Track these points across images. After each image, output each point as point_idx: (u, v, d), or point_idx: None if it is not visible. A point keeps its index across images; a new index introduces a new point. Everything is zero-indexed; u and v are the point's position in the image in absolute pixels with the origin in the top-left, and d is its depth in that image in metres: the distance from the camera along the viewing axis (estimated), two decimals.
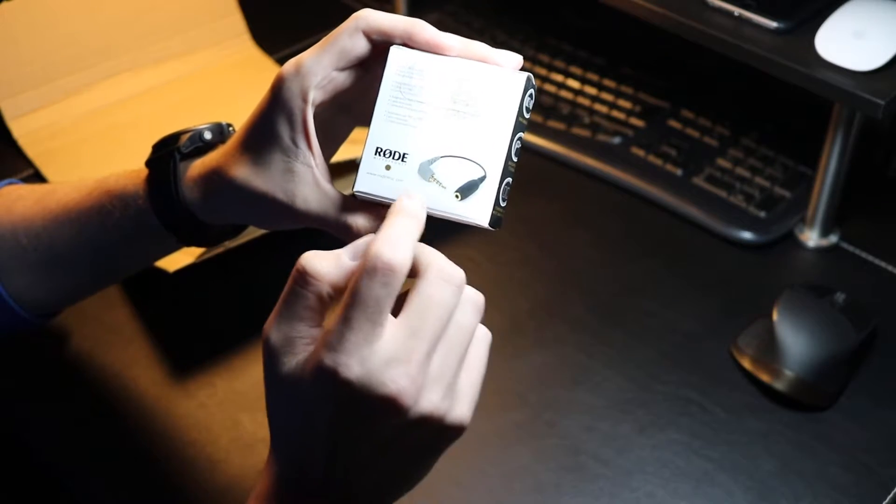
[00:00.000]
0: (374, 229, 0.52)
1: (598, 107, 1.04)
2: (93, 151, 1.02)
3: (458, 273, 0.48)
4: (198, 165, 0.61)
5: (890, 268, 0.90)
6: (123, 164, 1.00)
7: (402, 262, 0.46)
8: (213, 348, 0.83)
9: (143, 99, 1.08)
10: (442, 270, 0.47)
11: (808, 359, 0.78)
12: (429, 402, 0.47)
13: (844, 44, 0.82)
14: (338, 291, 0.48)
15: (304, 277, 0.47)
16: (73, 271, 0.71)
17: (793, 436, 0.76)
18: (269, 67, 1.12)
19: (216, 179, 0.59)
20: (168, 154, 0.62)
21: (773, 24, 0.85)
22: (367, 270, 0.46)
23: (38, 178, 0.99)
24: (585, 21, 1.15)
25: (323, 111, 0.56)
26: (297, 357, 0.48)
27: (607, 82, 1.07)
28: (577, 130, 1.02)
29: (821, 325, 0.79)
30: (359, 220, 0.54)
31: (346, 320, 0.46)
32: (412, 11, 1.19)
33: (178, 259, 0.79)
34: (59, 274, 0.71)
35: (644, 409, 0.78)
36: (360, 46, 0.53)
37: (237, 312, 0.87)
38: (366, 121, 0.55)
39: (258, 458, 0.75)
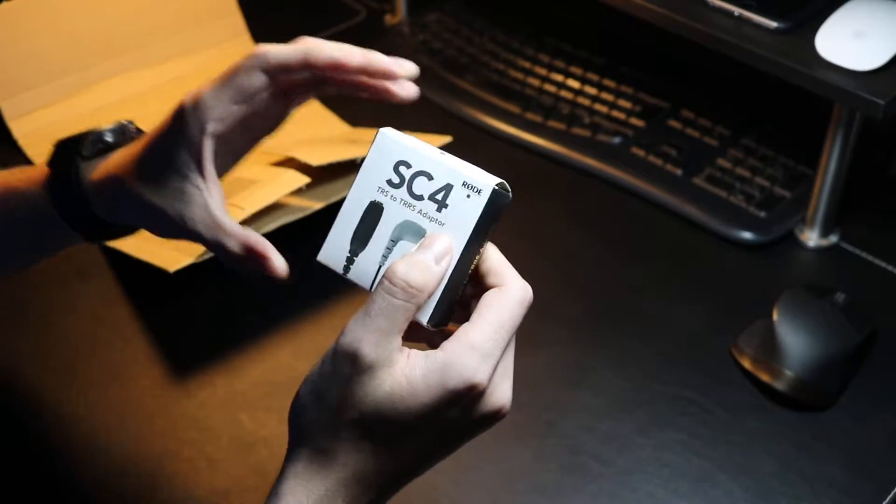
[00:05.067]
0: (244, 257, 0.56)
1: (598, 107, 1.04)
2: None
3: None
4: (100, 169, 0.62)
5: (890, 268, 0.90)
6: None
7: None
8: (213, 348, 0.83)
9: (144, 99, 1.08)
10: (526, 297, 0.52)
11: (808, 359, 0.78)
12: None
13: (844, 44, 0.82)
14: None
15: (408, 290, 0.49)
16: None
17: (793, 436, 0.76)
18: None
19: (114, 186, 0.60)
20: (69, 157, 0.63)
21: (773, 24, 0.85)
22: (521, 301, 0.51)
23: None
24: (585, 21, 1.15)
25: (223, 130, 0.57)
26: (394, 368, 0.49)
27: (607, 82, 1.07)
28: (577, 130, 1.02)
29: (821, 325, 0.79)
30: (236, 249, 0.56)
31: (501, 340, 0.50)
32: (412, 11, 1.19)
33: (178, 259, 0.79)
34: None
35: (644, 409, 0.78)
36: (258, 83, 0.55)
37: (237, 312, 0.87)
38: (264, 134, 0.59)
39: (258, 457, 0.75)
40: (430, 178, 0.51)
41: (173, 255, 0.80)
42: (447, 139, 0.94)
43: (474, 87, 1.08)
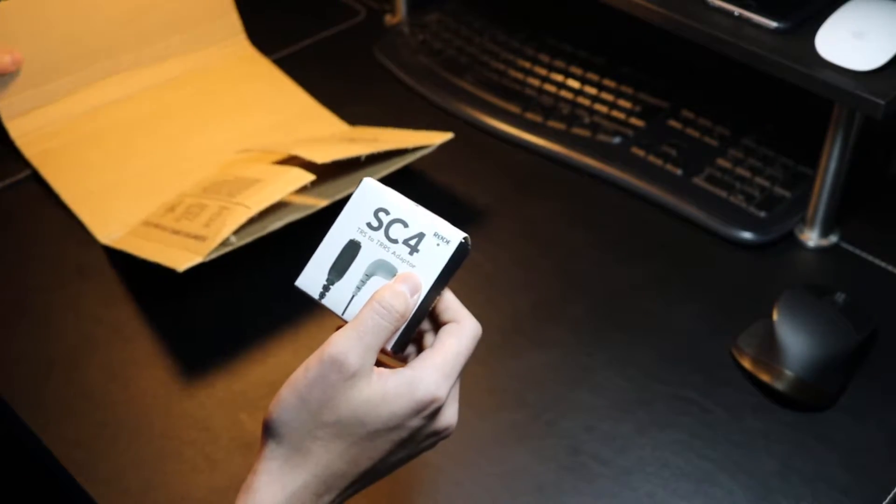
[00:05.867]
0: None
1: (598, 107, 1.04)
2: (91, 151, 1.01)
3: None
4: None
5: (890, 268, 0.90)
6: (122, 163, 1.01)
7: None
8: (214, 348, 0.83)
9: (141, 98, 1.08)
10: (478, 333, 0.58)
11: (808, 359, 0.78)
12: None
13: (844, 44, 0.82)
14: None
15: (393, 315, 0.56)
16: None
17: (793, 436, 0.76)
18: (265, 67, 1.12)
19: None
20: None
21: (773, 24, 0.85)
22: (474, 336, 0.57)
23: (36, 178, 0.99)
24: (585, 21, 1.15)
25: None
26: (371, 379, 0.55)
27: (607, 82, 1.07)
28: (577, 130, 1.02)
29: (821, 325, 0.79)
30: None
31: (458, 366, 0.57)
32: (412, 11, 1.19)
33: (187, 258, 0.79)
34: None
35: (644, 409, 0.78)
36: None
37: (237, 312, 0.87)
38: None
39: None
40: (405, 225, 0.58)
41: (181, 255, 0.80)
42: (449, 136, 0.94)
43: (474, 87, 1.08)
